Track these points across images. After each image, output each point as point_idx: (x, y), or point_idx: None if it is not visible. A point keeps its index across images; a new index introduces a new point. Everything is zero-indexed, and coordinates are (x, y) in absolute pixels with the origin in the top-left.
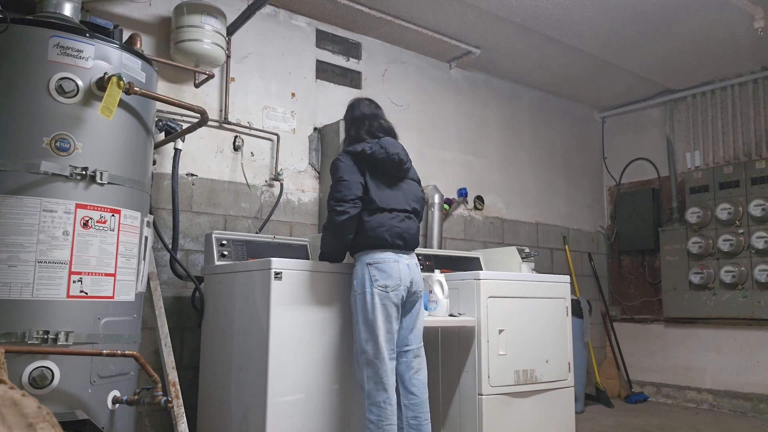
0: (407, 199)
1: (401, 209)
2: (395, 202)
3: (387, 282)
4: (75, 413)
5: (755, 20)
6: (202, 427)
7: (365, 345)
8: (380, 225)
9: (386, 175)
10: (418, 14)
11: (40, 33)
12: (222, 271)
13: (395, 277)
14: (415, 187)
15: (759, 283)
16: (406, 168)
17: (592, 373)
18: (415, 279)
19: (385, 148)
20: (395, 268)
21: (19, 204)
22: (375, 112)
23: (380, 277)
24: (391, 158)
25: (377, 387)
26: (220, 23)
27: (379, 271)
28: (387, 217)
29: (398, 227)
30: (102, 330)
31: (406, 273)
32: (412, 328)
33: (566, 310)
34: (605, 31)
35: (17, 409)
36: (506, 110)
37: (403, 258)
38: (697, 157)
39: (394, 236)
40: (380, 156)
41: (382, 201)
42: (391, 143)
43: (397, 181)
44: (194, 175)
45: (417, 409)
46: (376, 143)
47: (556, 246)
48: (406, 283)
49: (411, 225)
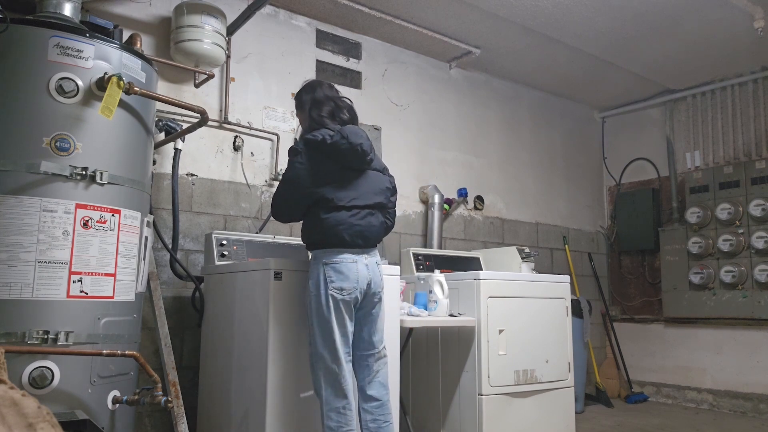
0: (370, 193)
1: (362, 205)
2: (356, 197)
3: (343, 284)
4: (75, 413)
5: (755, 20)
6: (202, 427)
7: (321, 350)
8: (338, 224)
9: (347, 168)
10: (418, 14)
11: (40, 33)
12: (222, 271)
13: (352, 279)
14: (379, 179)
15: (759, 283)
16: (369, 159)
17: (592, 373)
18: (374, 280)
19: (347, 138)
20: (353, 269)
21: (19, 204)
22: (335, 95)
23: (336, 278)
24: (354, 149)
25: (336, 393)
26: (220, 23)
27: (335, 272)
28: (346, 215)
29: (358, 225)
30: (102, 330)
31: (364, 274)
32: (374, 331)
33: (566, 310)
34: (605, 31)
35: (17, 409)
36: (506, 110)
37: (362, 258)
38: (697, 157)
39: (354, 235)
40: (342, 146)
41: (340, 199)
42: (353, 132)
43: (359, 174)
44: (194, 175)
45: (377, 412)
46: (337, 132)
47: (556, 246)
48: (362, 285)
49: (372, 221)
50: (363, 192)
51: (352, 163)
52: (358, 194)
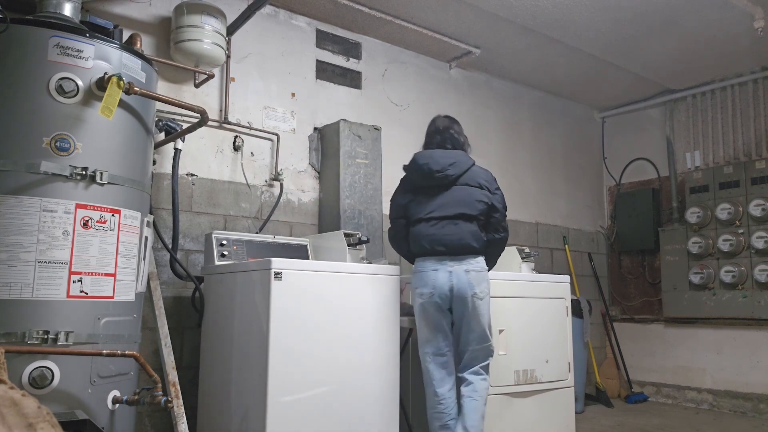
0: (453, 204)
1: (442, 216)
2: (436, 209)
3: (423, 290)
4: (75, 413)
5: (755, 20)
6: (202, 427)
7: (418, 343)
8: (419, 234)
9: (425, 186)
10: (418, 14)
11: (40, 33)
12: (222, 271)
13: (430, 285)
14: (468, 192)
15: (759, 283)
16: (441, 176)
17: (592, 373)
18: (456, 285)
19: (415, 161)
20: (431, 276)
21: (19, 204)
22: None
23: (418, 284)
24: (421, 168)
25: (426, 381)
26: (220, 23)
27: (417, 279)
28: (425, 226)
29: (434, 234)
30: (102, 330)
31: (444, 280)
32: (468, 330)
33: (566, 310)
34: (605, 31)
35: (17, 409)
36: (506, 110)
37: (445, 266)
38: (697, 157)
39: (433, 243)
40: (412, 168)
41: (419, 212)
42: (422, 155)
43: (440, 190)
44: (194, 175)
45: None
46: (428, 156)
47: (556, 246)
48: (443, 290)
49: (453, 230)
50: (445, 204)
51: (427, 181)
52: (440, 206)
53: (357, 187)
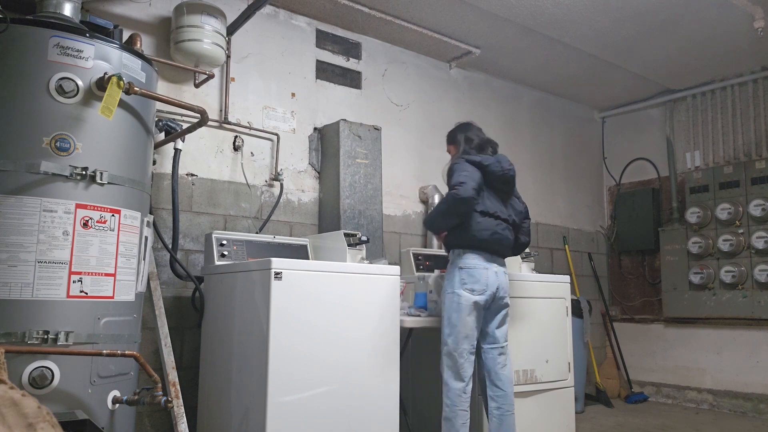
0: (510, 212)
1: (504, 218)
2: (502, 211)
3: (474, 286)
4: (75, 413)
5: (755, 20)
6: (202, 427)
7: (447, 338)
8: (486, 228)
9: (497, 189)
10: (418, 14)
11: (40, 33)
12: (222, 271)
13: (482, 282)
14: (518, 204)
15: (759, 283)
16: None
17: (592, 373)
18: (501, 286)
19: (501, 163)
20: (483, 275)
21: (19, 204)
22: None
23: (469, 281)
24: (506, 173)
25: (454, 377)
26: (220, 23)
27: (468, 275)
28: (493, 222)
29: (500, 234)
30: (102, 330)
31: (493, 279)
32: (497, 327)
33: (566, 310)
34: (605, 31)
35: (17, 409)
36: (506, 110)
37: (493, 266)
38: (697, 157)
39: (495, 241)
40: (497, 170)
41: (490, 207)
42: (505, 160)
43: (505, 195)
44: (194, 175)
45: (501, 401)
46: (494, 158)
47: (556, 246)
48: (492, 288)
49: (508, 235)
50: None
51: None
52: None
53: (357, 187)
